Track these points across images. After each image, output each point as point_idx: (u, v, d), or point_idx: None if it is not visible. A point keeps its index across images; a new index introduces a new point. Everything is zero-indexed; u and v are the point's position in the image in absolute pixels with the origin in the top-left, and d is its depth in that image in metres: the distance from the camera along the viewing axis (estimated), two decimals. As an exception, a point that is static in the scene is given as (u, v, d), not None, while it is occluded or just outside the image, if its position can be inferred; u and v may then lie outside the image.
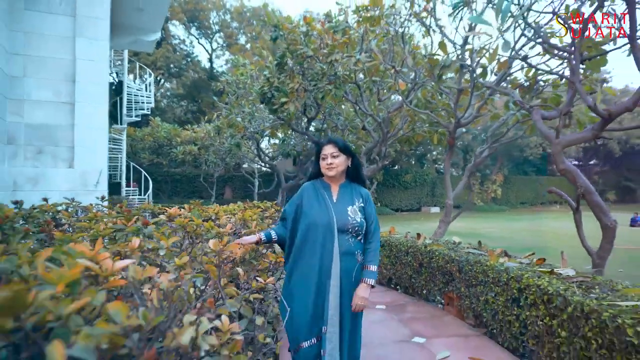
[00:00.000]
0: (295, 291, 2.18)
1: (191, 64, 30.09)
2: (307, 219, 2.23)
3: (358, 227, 2.22)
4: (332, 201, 2.28)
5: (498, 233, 14.52)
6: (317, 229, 2.19)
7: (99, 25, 6.25)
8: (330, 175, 2.29)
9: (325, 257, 2.16)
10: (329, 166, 2.27)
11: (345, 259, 2.18)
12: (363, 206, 2.31)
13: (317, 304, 2.14)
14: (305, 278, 2.17)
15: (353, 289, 2.19)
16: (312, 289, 2.14)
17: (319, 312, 2.13)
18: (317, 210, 2.23)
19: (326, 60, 7.14)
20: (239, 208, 3.50)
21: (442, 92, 7.20)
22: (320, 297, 2.14)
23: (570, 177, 4.14)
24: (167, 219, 2.68)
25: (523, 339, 3.11)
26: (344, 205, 2.25)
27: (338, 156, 2.28)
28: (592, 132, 4.02)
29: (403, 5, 6.91)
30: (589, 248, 4.23)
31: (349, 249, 2.19)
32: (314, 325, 2.13)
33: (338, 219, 2.20)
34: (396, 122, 10.32)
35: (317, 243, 2.17)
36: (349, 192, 2.32)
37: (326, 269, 2.15)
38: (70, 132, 6.02)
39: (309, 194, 2.32)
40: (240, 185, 22.69)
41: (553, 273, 3.06)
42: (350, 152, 2.36)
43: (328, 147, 2.30)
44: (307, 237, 2.20)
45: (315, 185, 2.36)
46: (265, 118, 11.96)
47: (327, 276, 2.15)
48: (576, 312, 2.40)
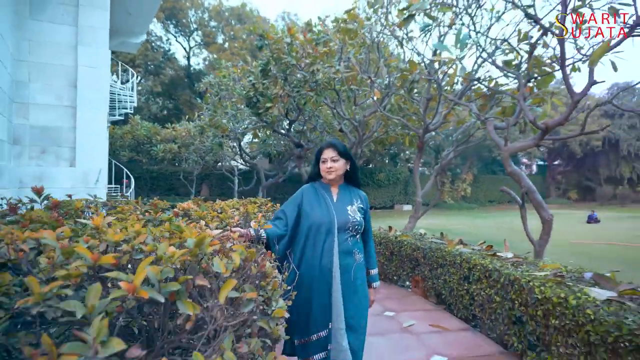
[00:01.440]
0: (300, 287, 2.17)
1: (169, 62, 30.18)
2: (309, 218, 2.31)
3: (358, 225, 2.31)
4: (332, 201, 2.37)
5: (465, 229, 15.53)
6: (319, 229, 2.27)
7: (99, 34, 6.75)
8: (329, 178, 2.38)
9: (326, 255, 2.24)
10: (329, 170, 2.35)
11: (344, 257, 2.25)
12: (362, 207, 2.41)
13: (321, 300, 2.21)
14: (309, 276, 2.22)
15: (352, 286, 2.26)
16: (314, 285, 2.22)
17: (326, 309, 2.20)
18: (318, 210, 2.31)
19: (308, 69, 7.81)
20: (239, 203, 4.12)
21: (413, 100, 7.97)
22: (324, 294, 2.21)
23: (516, 178, 4.95)
24: (181, 212, 3.30)
25: (471, 309, 3.88)
26: (344, 205, 2.35)
27: (337, 160, 2.35)
28: (533, 141, 4.84)
29: (378, 20, 7.64)
30: (532, 238, 5.04)
31: (348, 248, 2.27)
32: (321, 320, 2.19)
33: (339, 217, 2.28)
34: (371, 124, 11.08)
35: (319, 242, 2.26)
36: (347, 193, 2.43)
37: (327, 267, 2.22)
38: (72, 133, 6.51)
39: (309, 195, 2.40)
40: (217, 182, 23.10)
41: (495, 255, 3.84)
42: (349, 156, 2.42)
43: (328, 151, 2.36)
44: (309, 236, 2.29)
45: (315, 186, 2.44)
46: (247, 119, 12.53)
47: (329, 274, 2.22)
48: (506, 281, 3.16)
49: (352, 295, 2.24)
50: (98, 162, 6.65)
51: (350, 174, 2.45)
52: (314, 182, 2.48)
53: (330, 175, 2.35)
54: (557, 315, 2.54)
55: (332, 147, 2.35)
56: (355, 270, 2.29)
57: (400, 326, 3.98)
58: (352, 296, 2.24)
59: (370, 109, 10.42)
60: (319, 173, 2.41)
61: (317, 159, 2.41)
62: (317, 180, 2.47)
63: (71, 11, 6.56)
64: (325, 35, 8.06)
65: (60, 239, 1.23)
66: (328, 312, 2.19)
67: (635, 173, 34.60)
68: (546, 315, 2.67)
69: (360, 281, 2.32)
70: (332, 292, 2.19)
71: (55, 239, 1.16)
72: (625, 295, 2.38)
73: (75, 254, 1.16)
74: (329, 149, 2.35)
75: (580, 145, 34.90)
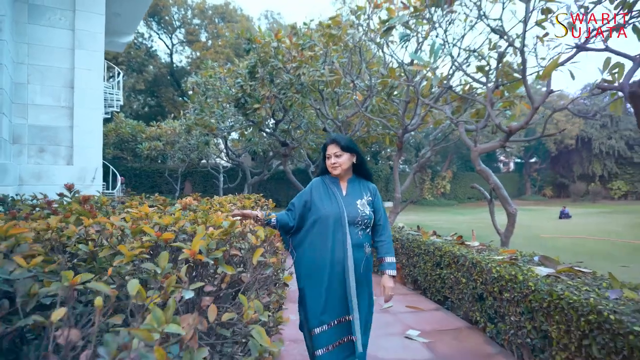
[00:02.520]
0: (310, 279, 2.31)
1: (152, 59, 30.17)
2: (317, 212, 2.34)
3: (367, 219, 2.34)
4: (341, 195, 2.39)
5: (443, 224, 16.19)
6: (327, 222, 2.30)
7: (95, 38, 7.06)
8: (335, 173, 2.40)
9: (338, 248, 2.27)
10: (333, 165, 2.38)
11: (355, 250, 2.28)
12: (371, 200, 2.43)
13: (335, 293, 2.25)
14: (318, 268, 2.27)
15: (361, 279, 2.31)
16: (325, 278, 2.25)
17: (341, 300, 2.25)
18: (328, 204, 2.35)
19: (295, 72, 8.25)
20: (236, 199, 4.56)
21: (393, 102, 8.48)
22: (339, 286, 2.25)
23: (484, 176, 5.49)
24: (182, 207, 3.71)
25: (443, 291, 4.40)
26: (353, 199, 2.37)
27: (341, 155, 2.37)
28: (499, 142, 5.38)
29: (360, 25, 8.11)
30: (499, 229, 5.60)
31: (359, 241, 2.31)
32: (336, 310, 2.25)
33: (348, 212, 2.31)
34: (354, 124, 11.56)
35: (329, 235, 2.28)
36: (357, 187, 2.45)
37: (339, 259, 2.26)
38: (69, 133, 6.81)
39: (318, 189, 2.43)
40: (199, 180, 23.34)
41: (463, 244, 4.37)
42: (353, 150, 2.43)
43: (331, 147, 2.40)
44: (317, 229, 2.32)
45: (325, 180, 2.47)
46: (232, 117, 12.89)
47: (341, 267, 2.26)
48: (470, 264, 3.68)
49: (362, 288, 2.30)
50: (94, 161, 6.96)
51: (359, 166, 2.47)
52: (323, 176, 2.51)
53: (335, 170, 2.39)
54: (508, 290, 3.07)
55: (335, 143, 2.38)
56: (365, 263, 2.34)
57: (379, 308, 4.48)
58: (362, 288, 2.30)
59: (352, 109, 10.91)
60: (326, 169, 2.45)
61: (323, 154, 2.46)
62: (326, 175, 2.49)
63: (68, 16, 6.85)
64: (311, 40, 8.50)
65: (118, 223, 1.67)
66: (343, 303, 2.25)
67: (606, 170, 35.94)
68: (501, 291, 3.19)
69: (368, 274, 2.38)
70: (347, 284, 2.23)
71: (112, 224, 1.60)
72: (562, 273, 2.91)
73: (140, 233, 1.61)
74: (331, 145, 2.39)
75: (555, 143, 36.08)
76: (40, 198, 3.90)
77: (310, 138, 12.62)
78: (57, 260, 1.43)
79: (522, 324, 2.92)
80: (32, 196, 3.88)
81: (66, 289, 1.06)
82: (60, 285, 1.09)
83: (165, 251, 1.39)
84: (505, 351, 3.25)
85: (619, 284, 2.47)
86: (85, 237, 1.67)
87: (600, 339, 2.10)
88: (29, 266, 1.25)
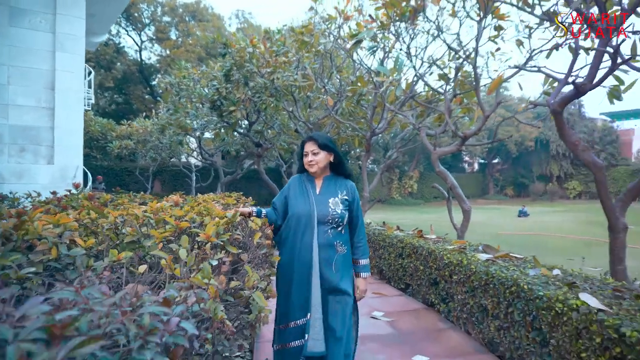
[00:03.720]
0: (281, 277, 2.36)
1: (120, 56, 29.82)
2: (291, 210, 2.38)
3: (338, 218, 2.32)
4: (314, 193, 2.40)
5: (408, 222, 16.94)
6: (299, 220, 2.33)
7: (76, 41, 7.28)
8: (311, 171, 2.41)
9: (303, 248, 2.29)
10: (310, 163, 2.38)
11: (324, 249, 2.29)
12: (347, 198, 2.40)
13: (300, 292, 2.27)
14: (289, 267, 2.31)
15: (335, 276, 2.29)
16: (292, 276, 2.29)
17: (303, 300, 2.26)
18: (301, 202, 2.37)
19: (269, 77, 8.68)
20: (219, 197, 4.97)
21: (361, 106, 9.03)
22: (303, 285, 2.27)
23: (442, 177, 6.09)
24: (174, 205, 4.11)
25: (404, 279, 4.96)
26: (325, 197, 2.37)
27: (318, 153, 2.37)
28: (456, 146, 6.01)
29: (330, 33, 8.62)
30: (455, 224, 6.22)
31: (328, 240, 2.30)
32: (298, 310, 2.26)
33: (319, 210, 2.32)
34: (324, 126, 12.09)
35: (298, 234, 2.31)
36: (332, 185, 2.43)
37: (306, 259, 2.28)
38: (50, 133, 7.01)
39: (294, 187, 2.46)
40: (169, 178, 23.40)
41: (422, 237, 4.95)
42: (331, 148, 2.42)
43: (309, 145, 2.40)
44: (290, 227, 2.36)
45: (302, 178, 2.48)
46: (206, 117, 13.18)
47: (308, 266, 2.27)
48: (427, 253, 4.25)
49: (334, 286, 2.29)
50: (75, 160, 7.19)
51: (337, 164, 2.47)
52: (302, 174, 2.53)
53: (311, 168, 2.40)
54: (456, 273, 3.64)
55: (312, 141, 2.40)
56: (337, 262, 2.31)
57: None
58: (334, 287, 2.29)
59: (323, 111, 11.42)
60: (304, 166, 2.46)
61: (301, 152, 2.47)
62: (305, 172, 2.51)
63: (49, 19, 7.04)
64: (285, 47, 8.95)
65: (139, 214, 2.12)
66: (307, 302, 2.26)
67: (562, 171, 37.82)
68: (451, 274, 3.76)
69: (343, 272, 2.34)
70: (311, 284, 2.26)
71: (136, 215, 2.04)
72: (499, 258, 3.50)
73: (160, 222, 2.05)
74: (309, 142, 2.41)
75: (516, 145, 37.68)
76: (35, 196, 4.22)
77: (283, 139, 13.06)
78: (104, 242, 1.89)
79: (466, 301, 3.49)
80: (26, 194, 4.20)
81: (113, 263, 1.52)
82: (110, 260, 1.54)
83: (184, 235, 1.86)
84: (454, 326, 3.83)
85: (540, 265, 3.07)
86: (115, 226, 2.10)
87: (519, 305, 2.68)
88: (86, 245, 1.70)
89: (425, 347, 3.40)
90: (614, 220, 3.49)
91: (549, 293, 2.39)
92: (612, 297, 2.24)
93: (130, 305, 0.90)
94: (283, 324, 2.31)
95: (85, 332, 0.71)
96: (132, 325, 0.80)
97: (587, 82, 3.13)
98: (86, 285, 0.97)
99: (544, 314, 2.39)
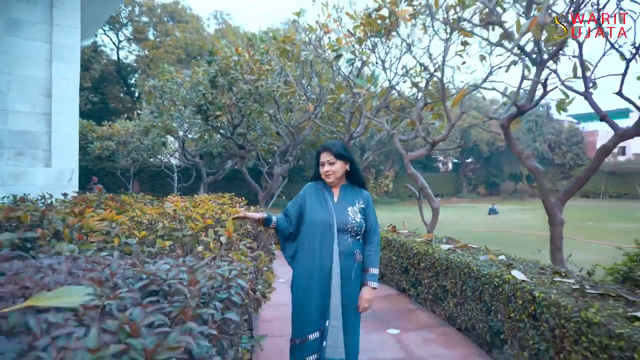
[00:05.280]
0: (299, 287, 2.34)
1: (98, 55, 29.70)
2: (309, 218, 2.37)
3: (357, 227, 2.33)
4: (333, 202, 2.40)
5: (383, 220, 17.61)
6: (317, 228, 2.32)
7: (72, 50, 7.67)
8: (328, 181, 2.42)
9: (325, 256, 2.29)
10: (327, 173, 2.39)
11: (345, 258, 2.30)
12: (363, 207, 2.41)
13: (320, 300, 2.26)
14: (308, 276, 2.31)
15: (353, 287, 2.31)
16: (314, 286, 2.28)
17: (324, 308, 2.26)
18: (319, 210, 2.37)
19: (254, 84, 9.23)
20: (215, 197, 5.52)
21: (340, 112, 9.67)
22: (323, 293, 2.27)
23: (414, 178, 6.78)
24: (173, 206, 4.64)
25: (380, 269, 5.60)
26: (344, 206, 2.37)
27: (334, 163, 2.37)
28: (425, 150, 6.70)
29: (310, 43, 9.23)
30: (425, 221, 6.91)
31: (348, 249, 2.31)
32: (319, 319, 2.26)
33: (338, 218, 2.32)
34: (305, 128, 12.68)
35: (317, 242, 2.31)
36: (349, 194, 2.44)
37: (326, 267, 2.27)
38: (47, 137, 7.40)
39: (310, 195, 2.46)
40: (147, 179, 23.58)
41: (395, 232, 5.60)
42: (347, 157, 2.42)
43: (324, 155, 2.40)
44: (309, 236, 2.35)
45: (318, 186, 2.48)
46: (189, 120, 13.60)
47: (328, 274, 2.27)
48: (399, 245, 4.91)
49: (353, 295, 2.32)
50: (71, 162, 7.58)
51: (351, 174, 2.48)
52: (317, 181, 2.53)
53: (328, 178, 2.41)
54: (423, 261, 4.31)
55: (328, 151, 2.39)
56: (357, 271, 2.34)
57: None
58: (353, 296, 2.32)
59: (304, 114, 12.01)
60: (320, 175, 2.46)
61: (317, 161, 2.47)
62: (320, 180, 2.51)
63: (45, 29, 7.44)
64: (268, 55, 9.51)
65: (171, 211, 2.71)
66: (325, 311, 2.26)
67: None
68: (419, 262, 4.43)
69: (360, 281, 2.37)
70: (331, 293, 2.26)
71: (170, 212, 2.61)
72: (458, 248, 4.17)
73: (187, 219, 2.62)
74: (325, 153, 2.40)
75: (487, 145, 39.08)
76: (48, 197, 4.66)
77: (264, 140, 13.59)
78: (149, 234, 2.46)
79: (431, 284, 4.16)
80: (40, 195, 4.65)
81: (160, 249, 2.09)
82: (159, 247, 2.10)
83: (211, 229, 2.44)
84: (422, 307, 4.50)
85: (490, 253, 3.76)
86: (150, 222, 2.65)
87: (470, 283, 3.35)
88: (140, 236, 2.26)
89: (397, 323, 4.05)
90: (553, 216, 4.22)
91: (491, 271, 3.07)
92: (536, 273, 2.94)
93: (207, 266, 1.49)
94: (300, 339, 2.30)
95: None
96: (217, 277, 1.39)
97: (527, 103, 3.83)
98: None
99: (487, 287, 3.07)
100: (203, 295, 1.17)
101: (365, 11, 6.10)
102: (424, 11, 5.89)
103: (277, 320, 3.96)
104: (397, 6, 6.04)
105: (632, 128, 3.53)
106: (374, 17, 6.10)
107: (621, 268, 3.19)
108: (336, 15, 8.57)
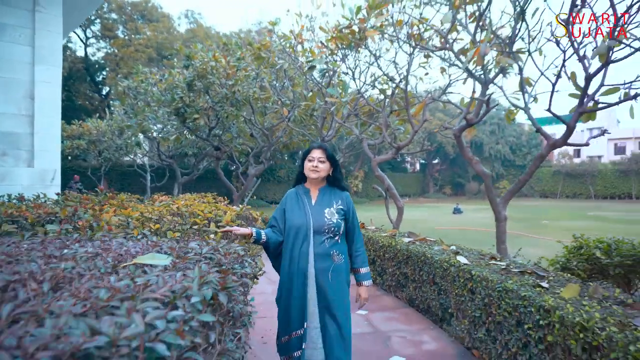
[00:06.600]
0: (283, 289, 2.39)
1: (66, 52, 29.20)
2: (288, 222, 2.42)
3: (334, 227, 2.35)
4: (310, 204, 2.43)
5: (355, 219, 18.36)
6: (296, 232, 2.37)
7: (54, 54, 7.93)
8: (312, 177, 2.44)
9: (301, 258, 2.33)
10: (314, 169, 2.42)
11: (320, 259, 2.33)
12: (342, 208, 2.44)
13: (298, 302, 2.31)
14: (289, 279, 2.36)
15: (332, 288, 2.32)
16: (292, 286, 2.34)
17: (302, 309, 2.31)
18: (297, 213, 2.41)
19: (230, 89, 9.68)
20: (198, 197, 5.98)
21: (313, 116, 10.23)
22: (301, 295, 2.31)
23: (380, 179, 7.41)
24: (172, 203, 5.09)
25: (350, 261, 6.22)
26: (321, 208, 2.40)
27: (324, 162, 2.43)
28: (391, 154, 7.34)
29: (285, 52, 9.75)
30: (391, 219, 7.56)
31: (324, 250, 2.34)
32: (297, 320, 2.31)
33: (315, 221, 2.36)
34: (278, 130, 13.19)
35: (296, 245, 2.36)
36: (328, 195, 2.47)
37: (301, 269, 2.32)
38: (30, 138, 7.64)
39: (291, 200, 2.50)
40: (117, 178, 23.51)
41: (364, 227, 6.21)
42: (335, 162, 2.49)
43: (317, 152, 2.44)
44: (290, 239, 2.40)
45: (298, 191, 2.53)
46: (165, 122, 13.87)
47: (303, 275, 2.31)
48: (367, 239, 5.52)
49: (334, 297, 2.32)
50: (53, 163, 7.84)
51: (333, 178, 2.53)
52: (297, 187, 2.60)
53: (313, 174, 2.43)
54: (388, 252, 4.93)
55: (322, 149, 2.45)
56: (333, 272, 2.34)
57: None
58: (334, 297, 2.32)
59: (277, 116, 12.52)
60: (303, 171, 2.50)
61: (304, 158, 2.50)
62: (300, 184, 2.59)
63: (28, 34, 7.67)
64: (244, 62, 9.97)
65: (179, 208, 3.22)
66: (304, 312, 2.31)
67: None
68: (384, 254, 5.04)
69: (338, 282, 2.37)
70: (307, 294, 2.31)
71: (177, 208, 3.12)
72: (417, 240, 4.81)
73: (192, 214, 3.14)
74: (318, 150, 2.45)
75: (453, 147, 40.46)
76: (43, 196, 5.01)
77: (238, 141, 14.02)
78: (159, 226, 2.95)
79: (394, 272, 4.78)
80: (35, 195, 5.00)
81: (170, 239, 2.59)
82: (170, 237, 2.60)
83: (212, 222, 2.96)
84: (387, 293, 5.12)
85: (443, 243, 4.40)
86: (159, 216, 3.14)
87: (425, 268, 3.99)
88: (154, 228, 2.76)
89: (365, 306, 4.64)
90: (498, 213, 4.91)
91: (442, 258, 3.72)
92: (477, 258, 3.59)
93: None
94: (285, 336, 2.37)
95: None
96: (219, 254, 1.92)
97: (474, 117, 4.51)
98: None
99: (438, 271, 3.71)
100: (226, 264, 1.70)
101: (336, 27, 6.67)
102: (389, 28, 6.52)
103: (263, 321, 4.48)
104: (366, 22, 6.65)
105: (561, 139, 4.24)
106: (344, 33, 6.69)
107: (560, 259, 3.83)
108: (309, 25, 9.14)
